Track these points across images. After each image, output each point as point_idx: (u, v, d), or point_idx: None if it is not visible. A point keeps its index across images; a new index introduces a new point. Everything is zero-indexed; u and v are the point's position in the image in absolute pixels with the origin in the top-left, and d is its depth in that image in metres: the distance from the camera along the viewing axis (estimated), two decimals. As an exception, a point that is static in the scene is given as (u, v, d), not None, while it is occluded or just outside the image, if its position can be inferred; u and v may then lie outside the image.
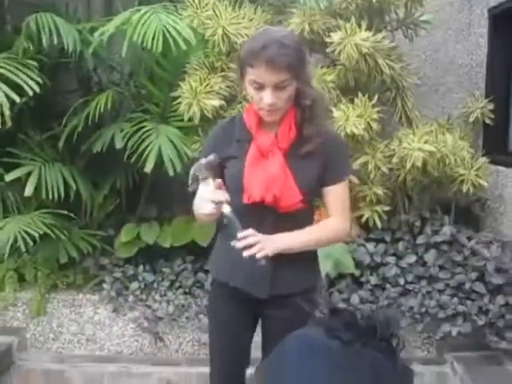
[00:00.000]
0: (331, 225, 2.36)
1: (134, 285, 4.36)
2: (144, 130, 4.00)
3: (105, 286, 4.36)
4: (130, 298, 4.31)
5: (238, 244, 2.12)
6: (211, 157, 2.19)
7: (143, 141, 3.91)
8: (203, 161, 2.21)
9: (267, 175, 2.24)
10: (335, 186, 2.34)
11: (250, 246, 2.14)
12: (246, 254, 2.10)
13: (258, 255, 2.13)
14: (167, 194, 4.56)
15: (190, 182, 2.21)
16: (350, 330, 1.33)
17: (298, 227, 2.30)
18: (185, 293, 4.32)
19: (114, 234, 4.57)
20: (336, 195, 2.35)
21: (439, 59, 4.92)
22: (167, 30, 3.67)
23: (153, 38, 3.59)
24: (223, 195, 2.16)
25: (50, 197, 3.95)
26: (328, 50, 4.11)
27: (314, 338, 1.37)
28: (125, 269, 4.46)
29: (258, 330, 2.60)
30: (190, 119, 4.02)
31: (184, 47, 3.67)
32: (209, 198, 2.17)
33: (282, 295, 2.35)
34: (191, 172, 2.21)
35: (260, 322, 2.54)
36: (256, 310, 2.46)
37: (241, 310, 2.47)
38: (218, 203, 2.15)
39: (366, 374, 1.27)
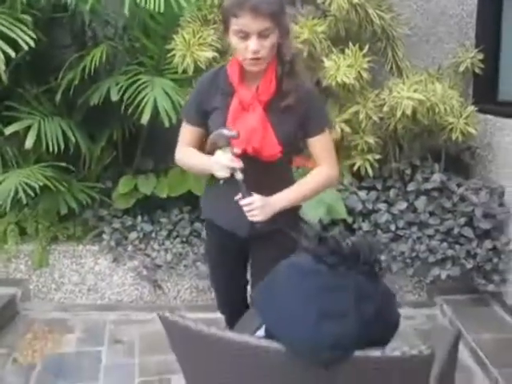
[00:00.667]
0: (322, 172, 2.47)
1: (133, 235, 4.36)
2: (139, 82, 4.00)
3: (104, 236, 4.36)
4: (129, 248, 4.31)
5: (242, 202, 2.33)
6: (234, 133, 2.28)
7: (139, 93, 3.92)
8: (225, 131, 2.30)
9: (248, 128, 2.32)
10: (319, 137, 2.43)
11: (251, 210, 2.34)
12: (248, 217, 2.33)
13: (256, 219, 2.33)
14: (163, 145, 4.06)
15: (207, 146, 2.35)
16: (335, 255, 1.47)
17: (278, 174, 2.45)
18: (182, 242, 4.32)
19: (111, 185, 4.58)
20: (321, 144, 2.44)
21: (430, 9, 4.92)
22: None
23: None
24: (239, 163, 2.30)
25: (51, 150, 3.99)
26: (319, 1, 4.19)
27: (303, 263, 1.51)
28: (123, 219, 4.46)
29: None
30: (184, 71, 4.02)
31: (184, 4, 3.75)
32: (226, 164, 2.30)
33: (264, 233, 2.42)
34: (210, 137, 2.34)
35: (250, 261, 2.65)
36: (243, 248, 2.58)
37: (228, 248, 2.60)
38: (233, 170, 2.31)
39: (350, 294, 1.45)
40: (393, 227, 4.25)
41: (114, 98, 3.98)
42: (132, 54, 4.39)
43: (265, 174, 2.38)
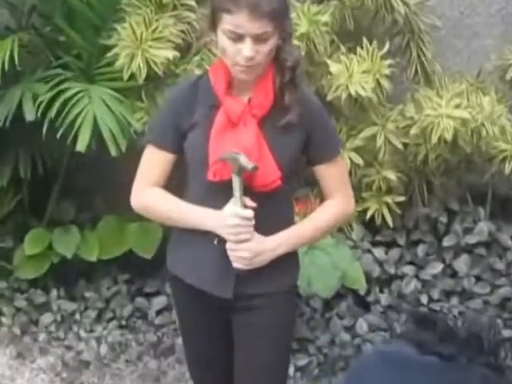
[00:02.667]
0: (336, 207, 2.46)
1: (46, 317, 4.03)
2: (68, 93, 3.65)
3: (3, 320, 4.01)
4: (41, 337, 3.97)
5: (230, 253, 2.35)
6: (253, 164, 2.26)
7: (72, 108, 3.58)
8: (242, 158, 2.27)
9: (238, 147, 2.31)
10: (330, 164, 2.43)
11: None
12: (234, 264, 2.36)
13: (243, 266, 2.36)
14: (90, 184, 4.23)
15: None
16: (447, 342, 1.34)
17: (276, 210, 2.42)
18: (120, 326, 4.00)
19: (13, 244, 4.20)
20: (333, 173, 2.44)
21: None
22: None
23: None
24: (251, 213, 2.33)
25: None
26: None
27: (404, 355, 1.36)
28: (31, 295, 4.12)
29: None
30: (131, 77, 3.66)
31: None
32: (244, 223, 2.31)
33: (253, 295, 2.42)
34: (222, 156, 2.31)
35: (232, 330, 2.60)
36: (224, 316, 2.54)
37: (206, 318, 2.57)
38: (246, 219, 2.32)
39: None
40: (424, 299, 3.91)
41: (30, 116, 3.63)
42: (52, 52, 3.98)
43: (258, 210, 2.34)
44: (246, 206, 2.35)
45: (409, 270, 3.94)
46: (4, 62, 3.61)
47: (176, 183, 2.48)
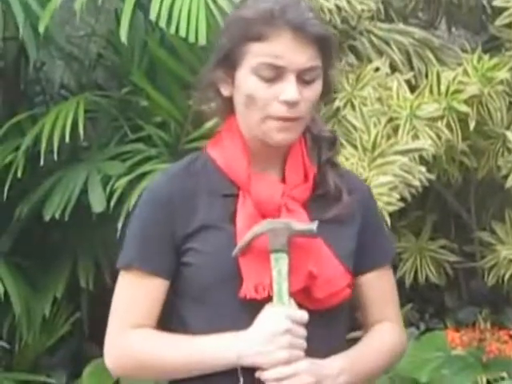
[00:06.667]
0: (393, 332, 2.03)
1: None
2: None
3: None
4: None
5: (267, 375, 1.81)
6: (311, 225, 1.82)
7: None
8: (298, 225, 1.84)
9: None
10: (382, 271, 2.02)
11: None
12: None
13: None
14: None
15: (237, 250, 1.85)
16: None
17: (340, 334, 1.97)
18: None
19: (65, 380, 3.73)
20: (385, 285, 2.02)
21: None
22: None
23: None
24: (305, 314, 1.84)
25: None
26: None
27: None
28: None
29: None
30: None
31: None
32: (290, 314, 1.83)
33: None
34: (257, 231, 1.86)
35: None
36: None
37: None
38: (300, 326, 1.83)
39: None
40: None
41: (99, 207, 3.29)
42: (127, 120, 3.58)
43: (317, 336, 1.83)
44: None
45: None
46: (64, 133, 3.23)
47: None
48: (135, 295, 1.95)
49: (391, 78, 3.30)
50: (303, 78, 1.82)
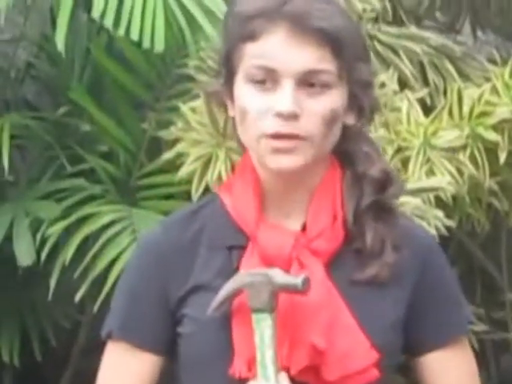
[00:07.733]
0: None
1: None
2: (97, 223, 3.12)
3: None
4: None
5: None
6: (300, 279, 1.58)
7: (103, 249, 3.10)
8: (277, 272, 1.62)
9: (297, 311, 1.68)
10: (450, 350, 1.69)
11: None
12: None
13: None
14: None
15: (216, 305, 1.68)
16: None
17: None
18: None
19: None
20: (459, 365, 1.71)
21: None
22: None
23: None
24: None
25: None
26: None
27: None
28: None
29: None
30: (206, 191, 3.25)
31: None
32: None
33: None
34: (232, 287, 1.69)
35: None
36: None
37: None
38: None
39: None
40: None
41: (26, 260, 3.00)
42: (64, 150, 3.38)
43: None
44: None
45: None
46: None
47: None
48: (118, 373, 1.76)
49: (400, 96, 2.99)
50: (307, 86, 1.59)
